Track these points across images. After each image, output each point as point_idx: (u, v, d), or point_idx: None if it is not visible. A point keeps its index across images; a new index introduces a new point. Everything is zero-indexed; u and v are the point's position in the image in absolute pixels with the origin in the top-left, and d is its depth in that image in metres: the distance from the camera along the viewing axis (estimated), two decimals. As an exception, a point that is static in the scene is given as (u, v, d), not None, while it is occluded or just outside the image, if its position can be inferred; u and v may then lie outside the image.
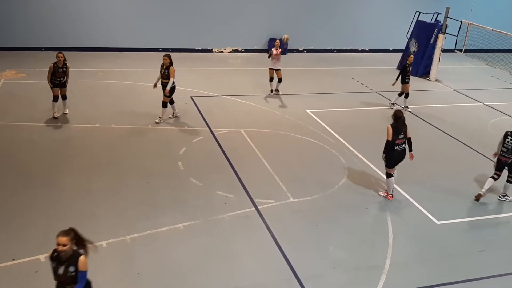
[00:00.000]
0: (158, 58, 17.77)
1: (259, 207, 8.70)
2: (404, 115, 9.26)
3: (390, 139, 9.03)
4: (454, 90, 17.21)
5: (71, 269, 5.06)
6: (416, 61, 18.25)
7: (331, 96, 15.49)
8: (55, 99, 11.73)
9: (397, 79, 14.21)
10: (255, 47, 20.76)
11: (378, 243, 7.99)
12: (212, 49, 20.38)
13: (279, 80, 14.79)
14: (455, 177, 10.48)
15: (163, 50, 19.17)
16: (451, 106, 15.36)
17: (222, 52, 20.48)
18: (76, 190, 8.87)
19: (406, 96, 14.41)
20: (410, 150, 9.34)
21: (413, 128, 13.11)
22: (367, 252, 7.73)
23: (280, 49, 14.50)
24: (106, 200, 8.61)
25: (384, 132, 12.61)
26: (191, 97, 14.23)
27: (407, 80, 14.21)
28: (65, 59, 11.54)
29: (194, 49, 20.00)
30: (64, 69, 11.62)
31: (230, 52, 20.55)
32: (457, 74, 19.43)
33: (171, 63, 11.59)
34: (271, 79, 14.84)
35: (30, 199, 8.48)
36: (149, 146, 10.92)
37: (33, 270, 6.73)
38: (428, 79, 18.30)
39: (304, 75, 17.82)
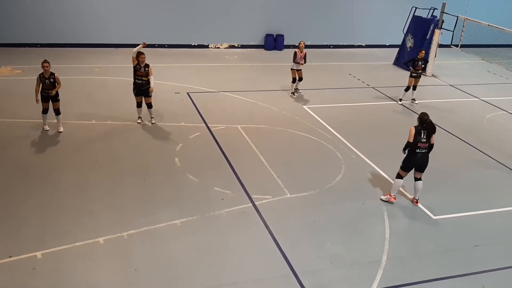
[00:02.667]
0: (154, 54, 17.83)
1: (256, 203, 8.72)
2: (430, 118, 8.80)
3: (411, 140, 8.68)
4: (450, 85, 17.24)
5: None
6: (412, 56, 18.27)
7: (327, 91, 15.49)
8: (45, 111, 10.82)
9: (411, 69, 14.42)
10: (252, 43, 20.72)
11: (375, 238, 8.02)
12: (208, 45, 20.33)
13: (300, 79, 14.58)
14: (451, 172, 10.52)
15: (159, 46, 19.13)
16: (447, 101, 15.39)
17: (219, 48, 20.44)
18: (72, 187, 8.86)
19: (409, 89, 14.62)
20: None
21: (409, 123, 13.14)
22: (364, 247, 7.76)
23: (304, 52, 14.18)
24: (103, 197, 8.61)
25: (380, 128, 12.63)
26: (187, 93, 14.21)
27: (414, 75, 14.41)
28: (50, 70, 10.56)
29: (190, 45, 19.95)
30: (52, 80, 10.55)
31: (227, 48, 20.51)
32: (453, 69, 19.47)
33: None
34: (294, 80, 14.52)
35: (26, 196, 8.47)
36: (145, 142, 10.90)
37: (30, 267, 6.73)
38: (424, 75, 18.30)
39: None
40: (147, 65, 11.27)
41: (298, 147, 11.24)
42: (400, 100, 14.76)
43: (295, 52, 14.21)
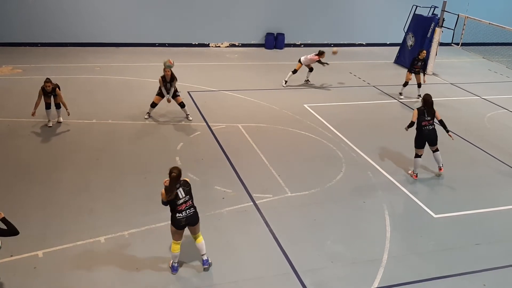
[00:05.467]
0: (155, 53, 17.89)
1: (257, 202, 8.72)
2: (432, 99, 9.88)
3: (414, 120, 9.83)
4: (451, 83, 17.22)
5: None
6: (413, 55, 18.26)
7: (328, 90, 15.49)
8: (48, 106, 11.02)
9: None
10: (252, 42, 20.70)
11: (376, 236, 8.02)
12: (209, 43, 20.31)
13: (311, 70, 15.62)
14: (452, 170, 10.50)
15: (160, 45, 19.13)
16: (448, 100, 15.37)
17: (219, 46, 20.42)
18: (73, 186, 8.87)
19: (406, 84, 14.95)
20: (447, 131, 10.00)
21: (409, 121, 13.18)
22: (365, 246, 7.76)
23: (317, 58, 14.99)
24: (104, 196, 8.62)
25: (381, 127, 12.65)
26: (188, 92, 14.20)
27: (412, 71, 14.77)
28: (53, 85, 10.84)
29: (191, 43, 19.93)
30: (54, 94, 10.87)
31: (227, 46, 20.50)
32: (454, 68, 19.44)
33: (173, 74, 11.53)
34: (311, 70, 15.65)
35: (27, 195, 8.48)
36: (146, 141, 10.91)
37: (31, 266, 6.74)
38: (425, 73, 18.27)
39: (301, 69, 17.73)
40: (172, 80, 11.54)
41: (299, 145, 11.24)
42: (400, 94, 15.11)
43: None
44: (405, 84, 14.93)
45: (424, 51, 14.81)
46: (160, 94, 11.77)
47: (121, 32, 18.88)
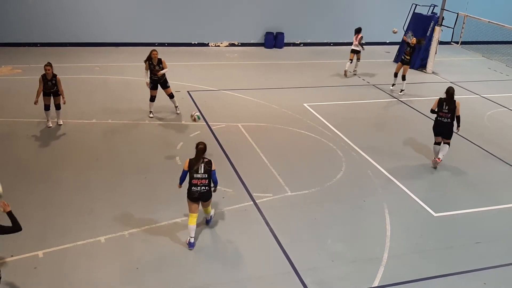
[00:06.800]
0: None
1: (257, 201, 8.72)
2: (453, 91, 10.01)
3: (433, 108, 10.16)
4: (451, 82, 17.20)
5: None
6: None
7: (328, 89, 15.48)
8: (46, 108, 10.98)
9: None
10: (252, 41, 20.69)
11: (376, 235, 8.02)
12: (208, 43, 20.30)
13: (358, 59, 16.76)
14: (453, 169, 10.51)
15: (159, 44, 19.10)
16: (448, 99, 15.34)
17: (219, 46, 20.41)
18: (73, 186, 8.87)
19: (396, 75, 15.35)
20: (458, 125, 10.16)
21: (410, 120, 13.21)
22: (365, 245, 7.77)
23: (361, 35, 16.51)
24: (104, 196, 8.62)
25: (381, 126, 12.69)
26: (187, 91, 14.20)
27: (402, 59, 15.18)
28: (53, 71, 10.80)
29: (190, 43, 19.93)
30: (54, 82, 10.76)
31: (227, 46, 20.49)
32: (454, 67, 19.43)
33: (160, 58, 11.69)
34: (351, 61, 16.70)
35: (27, 195, 8.48)
36: (146, 141, 10.91)
37: (31, 266, 6.74)
38: (425, 72, 18.29)
39: (301, 68, 17.79)
40: (160, 61, 11.60)
41: (299, 145, 11.24)
42: (393, 85, 15.44)
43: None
44: (395, 74, 15.32)
45: (419, 39, 15.37)
46: (153, 87, 11.84)
47: (120, 31, 18.87)
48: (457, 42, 18.11)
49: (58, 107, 11.14)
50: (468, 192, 9.68)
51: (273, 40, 20.61)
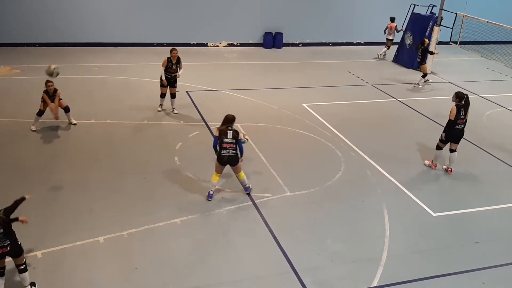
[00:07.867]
0: (153, 53, 17.83)
1: (256, 201, 8.72)
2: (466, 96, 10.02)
3: (452, 118, 9.76)
4: (449, 82, 17.23)
5: None
6: (411, 54, 18.28)
7: (327, 89, 15.49)
8: (39, 113, 10.94)
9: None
10: (251, 41, 20.70)
11: (375, 235, 8.03)
12: (207, 43, 20.30)
13: (388, 47, 19.13)
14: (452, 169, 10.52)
15: (158, 44, 19.10)
16: (446, 98, 15.30)
17: (218, 46, 20.42)
18: (72, 186, 8.86)
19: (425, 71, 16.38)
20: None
21: (409, 120, 13.22)
22: (364, 245, 7.77)
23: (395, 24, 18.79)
24: (103, 196, 8.61)
25: (380, 126, 12.67)
26: (186, 91, 14.20)
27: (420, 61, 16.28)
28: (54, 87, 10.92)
29: (189, 43, 19.92)
30: (54, 96, 10.87)
31: (226, 46, 20.49)
32: (452, 66, 19.46)
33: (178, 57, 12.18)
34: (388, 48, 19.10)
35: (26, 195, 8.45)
36: (145, 141, 10.90)
37: (30, 267, 6.72)
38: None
39: (300, 68, 17.79)
40: (178, 61, 12.14)
41: (298, 145, 11.24)
42: (418, 84, 16.31)
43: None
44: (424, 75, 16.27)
45: (426, 40, 16.42)
46: (163, 85, 12.14)
47: (119, 32, 18.86)
48: (455, 42, 18.12)
49: (66, 109, 11.19)
50: (467, 192, 9.69)
51: (272, 40, 20.62)
